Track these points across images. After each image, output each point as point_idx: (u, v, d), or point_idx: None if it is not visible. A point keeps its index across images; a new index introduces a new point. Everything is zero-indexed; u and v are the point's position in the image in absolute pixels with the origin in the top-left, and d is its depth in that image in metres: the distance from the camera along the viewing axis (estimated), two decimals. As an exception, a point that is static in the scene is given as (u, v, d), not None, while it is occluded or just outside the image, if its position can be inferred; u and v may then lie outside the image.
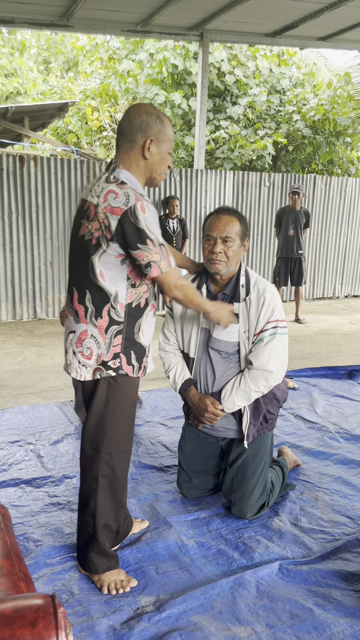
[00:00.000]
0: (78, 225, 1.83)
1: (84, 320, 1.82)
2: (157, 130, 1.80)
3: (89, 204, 1.78)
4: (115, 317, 1.81)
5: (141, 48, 11.07)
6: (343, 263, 8.98)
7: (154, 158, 1.82)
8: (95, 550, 1.97)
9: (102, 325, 1.81)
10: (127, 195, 1.71)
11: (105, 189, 1.74)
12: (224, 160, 10.83)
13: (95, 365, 1.83)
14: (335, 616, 1.86)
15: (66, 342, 1.89)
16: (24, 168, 6.43)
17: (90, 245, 1.77)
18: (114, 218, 1.70)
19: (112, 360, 1.83)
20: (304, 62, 12.41)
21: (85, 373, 1.84)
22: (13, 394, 4.08)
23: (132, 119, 1.79)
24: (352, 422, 3.57)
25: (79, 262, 1.82)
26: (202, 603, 1.90)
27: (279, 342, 2.26)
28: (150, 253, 1.73)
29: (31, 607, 1.01)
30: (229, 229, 2.24)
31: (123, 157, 1.82)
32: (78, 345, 1.84)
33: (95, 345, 1.82)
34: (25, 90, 15.85)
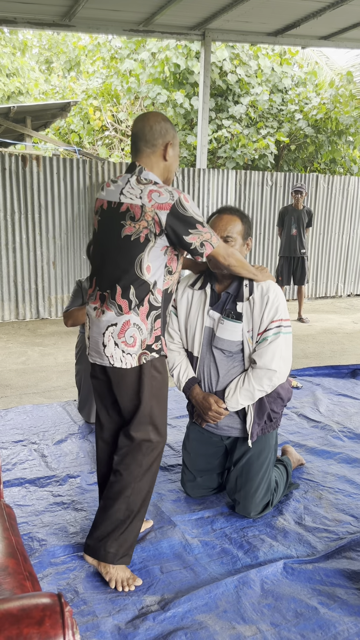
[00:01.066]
0: (118, 227, 1.91)
1: (128, 312, 1.91)
2: (172, 135, 2.01)
3: (130, 205, 1.89)
4: (154, 302, 1.94)
5: (143, 47, 11.07)
6: (346, 262, 8.97)
7: (171, 160, 2.02)
8: (122, 538, 2.00)
9: (144, 312, 1.92)
10: (170, 191, 1.89)
11: (146, 190, 1.89)
12: (226, 160, 10.83)
13: (141, 351, 1.93)
14: (340, 615, 1.86)
15: (104, 337, 1.93)
16: (26, 168, 6.44)
17: (138, 244, 1.88)
18: (163, 213, 1.86)
19: (155, 343, 1.95)
20: (305, 61, 12.39)
21: (130, 360, 1.92)
22: (16, 394, 4.09)
23: (153, 125, 1.97)
24: (355, 421, 3.57)
25: (123, 260, 1.91)
26: (206, 602, 1.90)
27: (283, 341, 2.26)
28: (201, 234, 1.91)
29: (38, 606, 1.01)
30: (230, 228, 2.25)
31: (145, 160, 1.98)
32: (120, 336, 1.91)
33: (138, 332, 1.91)
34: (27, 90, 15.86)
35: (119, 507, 1.98)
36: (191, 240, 1.90)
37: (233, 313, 2.30)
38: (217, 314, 2.35)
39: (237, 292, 2.31)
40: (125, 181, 1.95)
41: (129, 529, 2.00)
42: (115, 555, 1.99)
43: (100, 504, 2.04)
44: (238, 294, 2.31)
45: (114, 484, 2.00)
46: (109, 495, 2.01)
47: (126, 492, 1.98)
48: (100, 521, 2.02)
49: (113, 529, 1.99)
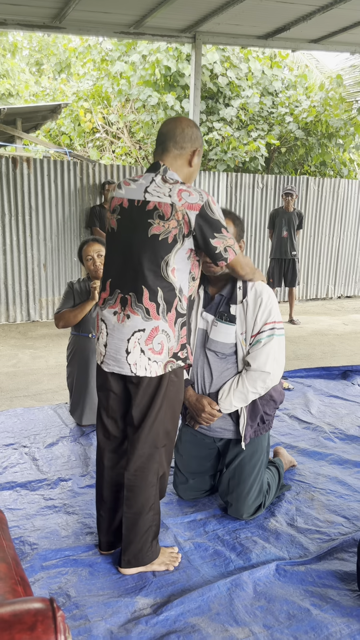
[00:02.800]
0: (145, 225, 1.86)
1: (156, 316, 1.87)
2: (200, 143, 2.01)
3: (158, 203, 1.85)
4: (180, 310, 1.92)
5: (134, 50, 11.08)
6: (336, 264, 9.01)
7: (195, 167, 2.00)
8: (152, 538, 2.04)
9: (172, 318, 1.89)
10: (199, 192, 1.87)
11: (175, 189, 1.86)
12: (217, 162, 10.85)
13: (167, 359, 1.91)
14: (333, 616, 1.86)
15: (128, 343, 1.88)
16: (16, 170, 6.41)
17: (166, 244, 1.84)
18: (193, 213, 1.84)
19: (180, 351, 1.94)
20: (296, 64, 12.46)
21: (156, 368, 1.89)
22: (7, 397, 4.06)
23: (185, 128, 1.95)
24: (346, 422, 3.58)
25: (149, 260, 1.86)
26: (199, 605, 1.90)
27: (276, 343, 2.27)
28: (225, 239, 1.90)
29: (30, 611, 1.00)
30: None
31: (171, 161, 1.95)
32: (148, 343, 1.87)
33: (166, 339, 1.89)
34: (17, 92, 15.80)
35: (147, 518, 1.99)
36: (216, 245, 1.89)
37: (226, 315, 2.30)
38: (210, 316, 2.36)
39: (231, 295, 2.31)
40: (150, 180, 1.90)
41: (157, 528, 2.06)
42: (153, 553, 2.06)
43: (126, 518, 2.00)
44: (231, 297, 2.31)
45: (136, 497, 1.97)
46: (133, 510, 1.98)
47: (149, 503, 1.99)
48: (132, 537, 2.01)
49: (146, 539, 2.01)
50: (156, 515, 2.04)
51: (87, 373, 3.34)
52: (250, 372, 2.26)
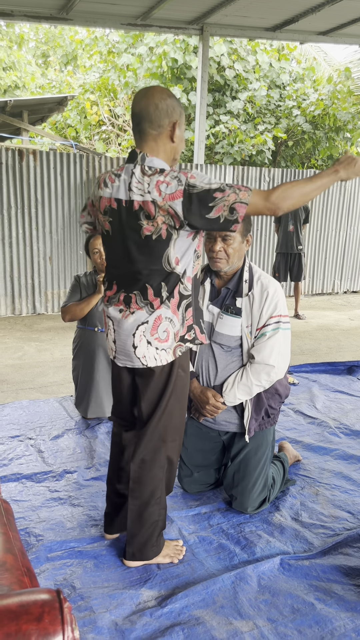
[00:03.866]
0: (137, 227, 1.78)
1: (159, 306, 1.84)
2: (179, 112, 1.83)
3: (141, 203, 1.75)
4: (184, 292, 1.87)
5: (141, 42, 11.02)
6: (342, 258, 8.97)
7: (178, 140, 1.85)
8: (158, 532, 2.05)
9: (174, 303, 1.85)
10: (177, 178, 1.73)
11: (153, 183, 1.74)
12: (223, 155, 10.80)
13: (175, 344, 1.88)
14: (337, 610, 1.86)
15: (134, 337, 1.86)
16: (22, 162, 6.40)
17: (161, 241, 1.77)
18: (177, 203, 1.71)
19: (187, 333, 1.90)
20: (303, 57, 12.36)
21: (165, 356, 1.87)
22: (13, 389, 4.08)
23: (159, 103, 1.78)
24: (351, 418, 3.57)
25: (149, 260, 1.81)
26: (203, 598, 1.91)
27: (282, 337, 2.26)
28: (225, 200, 1.69)
29: (37, 602, 1.01)
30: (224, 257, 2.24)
31: (151, 144, 1.81)
32: (153, 333, 1.85)
33: (170, 325, 1.86)
34: (23, 84, 15.76)
35: (151, 511, 2.00)
36: (216, 214, 1.70)
37: (232, 308, 2.30)
38: (216, 308, 2.35)
39: (237, 288, 2.31)
40: (130, 174, 1.79)
41: (162, 523, 2.06)
42: (158, 547, 2.06)
43: (131, 510, 2.01)
44: (237, 290, 2.31)
45: (141, 489, 1.98)
46: (138, 502, 1.99)
47: (155, 496, 1.99)
48: (136, 529, 2.01)
49: (151, 532, 2.02)
50: (162, 510, 2.04)
51: (92, 366, 3.35)
52: (255, 364, 2.26)
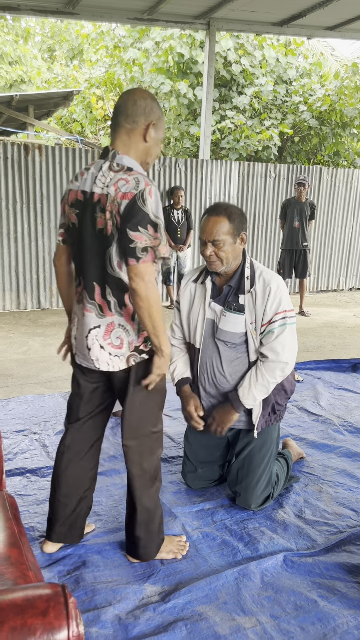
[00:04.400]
0: (92, 220, 1.80)
1: (109, 313, 1.82)
2: (158, 116, 1.84)
3: (100, 195, 1.76)
4: None
5: (147, 36, 10.99)
6: (348, 255, 8.94)
7: (152, 142, 1.84)
8: (159, 532, 2.05)
9: (128, 312, 1.82)
10: (137, 180, 1.72)
11: (115, 178, 1.74)
12: (229, 151, 10.77)
13: (129, 353, 1.84)
14: (340, 608, 1.87)
15: (87, 340, 1.86)
16: (28, 157, 6.40)
17: (106, 237, 1.76)
18: (124, 203, 1.70)
19: (143, 344, 1.86)
20: (310, 52, 12.29)
21: (118, 362, 1.85)
22: (17, 384, 4.09)
23: (138, 100, 1.80)
24: (356, 415, 3.57)
25: (98, 256, 1.80)
26: (207, 593, 1.91)
27: (289, 332, 2.27)
28: (151, 238, 1.70)
29: (42, 597, 1.01)
30: (216, 231, 2.22)
31: (123, 138, 1.82)
32: (106, 338, 1.83)
33: (124, 333, 1.83)
34: (29, 79, 15.74)
35: (143, 509, 1.99)
36: (135, 238, 1.67)
37: (235, 305, 2.30)
38: (218, 306, 2.36)
39: (239, 285, 2.31)
40: (98, 168, 1.80)
41: (159, 520, 2.05)
42: (160, 542, 2.07)
43: (127, 510, 2.03)
44: (240, 287, 2.31)
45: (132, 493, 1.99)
46: (130, 502, 2.00)
47: (144, 495, 1.98)
48: (134, 528, 2.02)
49: (148, 530, 2.02)
50: (156, 507, 2.02)
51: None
52: (269, 363, 2.27)
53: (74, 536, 2.15)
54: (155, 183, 1.79)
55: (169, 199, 7.17)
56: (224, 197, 7.75)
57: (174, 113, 11.16)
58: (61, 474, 2.08)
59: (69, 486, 2.07)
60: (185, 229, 6.99)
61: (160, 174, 7.24)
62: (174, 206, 6.93)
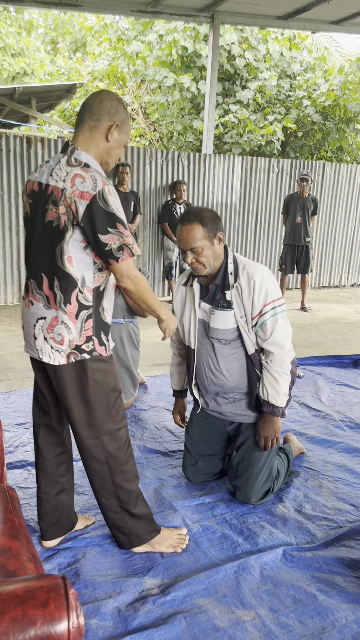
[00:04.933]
0: (43, 211, 1.79)
1: (54, 306, 1.80)
2: (123, 119, 1.85)
3: (54, 188, 1.76)
4: (83, 301, 1.80)
5: (150, 29, 10.92)
6: (350, 251, 8.93)
7: (113, 143, 1.85)
8: (132, 523, 2.03)
9: (72, 311, 1.80)
10: (95, 180, 1.72)
11: (71, 173, 1.73)
12: (232, 145, 10.74)
13: (69, 350, 1.82)
14: (338, 602, 1.87)
15: (34, 329, 1.86)
16: (30, 150, 6.39)
17: (58, 231, 1.74)
18: (82, 203, 1.69)
19: (85, 343, 1.83)
20: (315, 47, 12.23)
21: (59, 358, 1.83)
22: (19, 377, 4.10)
23: (104, 100, 1.82)
24: (356, 411, 3.57)
25: (47, 248, 1.79)
26: (206, 587, 1.92)
27: (282, 320, 2.30)
28: (122, 236, 1.72)
29: (42, 588, 1.02)
30: (191, 239, 2.22)
31: (85, 134, 1.83)
32: (49, 331, 1.82)
33: (66, 331, 1.80)
34: (32, 71, 15.70)
35: (109, 504, 1.99)
36: (108, 241, 1.70)
37: (222, 302, 2.32)
38: (207, 305, 2.38)
39: (224, 282, 2.33)
40: (57, 161, 1.81)
41: (137, 511, 2.03)
42: (147, 533, 2.06)
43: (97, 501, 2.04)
44: (224, 283, 2.33)
45: (97, 486, 1.98)
46: (100, 496, 2.00)
47: (109, 489, 1.96)
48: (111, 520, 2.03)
49: (121, 523, 2.02)
50: (124, 504, 2.00)
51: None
52: (277, 356, 2.29)
53: (64, 528, 2.16)
54: (111, 182, 1.79)
55: (171, 193, 7.15)
56: (227, 192, 7.73)
57: (177, 107, 11.12)
58: (38, 471, 2.10)
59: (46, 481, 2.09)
60: (187, 223, 6.97)
61: (163, 168, 7.22)
62: (176, 200, 6.91)
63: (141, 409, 3.52)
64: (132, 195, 6.60)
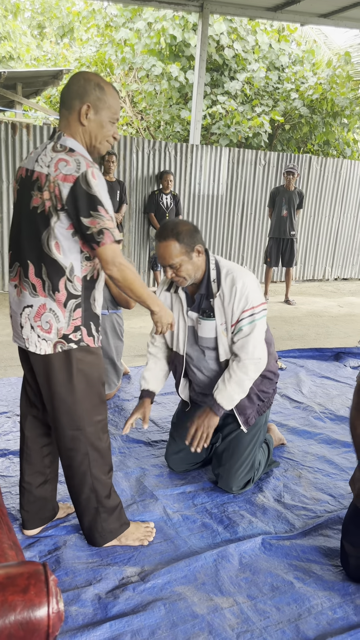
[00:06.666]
0: (28, 197, 1.77)
1: (42, 293, 1.78)
2: (96, 97, 1.78)
3: (39, 174, 1.74)
4: (72, 290, 1.78)
5: (139, 17, 10.81)
6: (334, 245, 8.99)
7: (92, 125, 1.80)
8: (106, 518, 2.02)
9: (61, 299, 1.78)
10: (78, 162, 1.69)
11: (55, 158, 1.72)
12: (219, 136, 10.71)
13: (56, 339, 1.81)
14: (315, 589, 1.91)
15: (20, 317, 1.84)
16: (15, 136, 6.30)
17: (43, 217, 1.73)
18: (66, 186, 1.67)
19: (73, 333, 1.81)
20: (304, 39, 12.20)
21: (45, 347, 1.81)
22: (1, 366, 4.08)
23: (71, 85, 1.79)
24: (336, 403, 3.62)
25: (33, 235, 1.78)
26: (186, 574, 1.95)
27: (259, 328, 2.30)
28: (103, 219, 1.68)
29: (23, 574, 1.03)
30: (168, 256, 2.22)
31: (64, 123, 1.81)
32: (36, 320, 1.80)
33: (54, 319, 1.79)
34: (18, 55, 15.43)
35: (89, 496, 1.98)
36: (89, 224, 1.67)
37: (208, 311, 2.35)
38: (194, 314, 2.41)
39: (207, 291, 2.34)
40: (43, 147, 1.80)
41: (109, 505, 2.02)
42: (109, 534, 2.05)
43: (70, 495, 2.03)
44: (208, 292, 2.34)
45: (71, 478, 1.98)
46: (73, 489, 2.00)
47: (87, 481, 1.96)
48: (81, 515, 2.03)
49: (93, 519, 2.02)
50: (100, 497, 1.99)
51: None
52: (241, 361, 2.29)
53: (46, 517, 2.16)
54: (97, 166, 1.77)
55: (158, 183, 7.13)
56: (214, 183, 7.72)
57: (164, 96, 11.04)
58: (23, 461, 2.09)
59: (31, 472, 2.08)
60: (173, 214, 6.96)
61: (150, 158, 7.18)
62: (162, 191, 6.89)
63: (124, 399, 3.53)
64: (118, 184, 6.55)
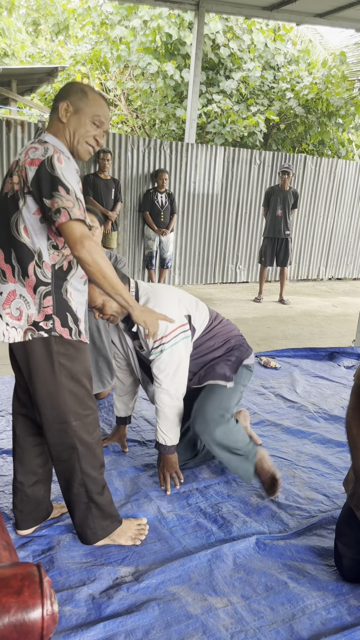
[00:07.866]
0: (3, 184, 1.82)
1: (12, 279, 1.77)
2: (77, 97, 1.83)
3: (14, 163, 1.80)
4: (42, 277, 1.76)
5: (135, 14, 10.78)
6: (329, 245, 9.02)
7: (71, 122, 1.82)
8: (97, 514, 2.01)
9: (30, 284, 1.76)
10: (46, 149, 1.73)
11: (28, 147, 1.78)
12: (214, 135, 10.70)
13: (27, 326, 1.78)
14: (309, 589, 1.91)
15: None
16: (10, 133, 6.27)
17: (13, 201, 1.75)
18: (32, 169, 1.70)
19: (43, 321, 1.78)
20: (299, 39, 12.22)
21: (15, 334, 1.78)
22: (-5, 364, 4.06)
23: (60, 91, 1.88)
24: (330, 403, 3.63)
25: (3, 220, 1.78)
26: (180, 574, 1.94)
27: (168, 357, 2.32)
28: (62, 200, 1.65)
29: (16, 576, 1.02)
30: (91, 300, 2.21)
31: (49, 124, 1.87)
32: (5, 307, 1.78)
33: (24, 305, 1.77)
34: (12, 52, 15.34)
35: (78, 492, 1.97)
36: (50, 205, 1.66)
37: (138, 343, 2.43)
38: (132, 343, 2.49)
39: (130, 323, 2.37)
40: (30, 143, 1.84)
41: (100, 502, 2.01)
42: (106, 527, 2.05)
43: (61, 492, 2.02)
44: (130, 324, 2.38)
45: (61, 473, 1.97)
46: (63, 484, 1.99)
47: (76, 477, 1.94)
48: (72, 511, 2.02)
49: (84, 516, 2.01)
50: (91, 493, 1.97)
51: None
52: (156, 392, 2.38)
53: (39, 517, 2.15)
54: (70, 156, 1.77)
55: (152, 181, 7.11)
56: (209, 182, 7.72)
57: (160, 94, 11.02)
58: (15, 461, 2.08)
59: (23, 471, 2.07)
60: (168, 213, 6.95)
61: (145, 156, 7.17)
62: (157, 189, 6.88)
63: (118, 398, 3.52)
64: (113, 182, 6.54)
